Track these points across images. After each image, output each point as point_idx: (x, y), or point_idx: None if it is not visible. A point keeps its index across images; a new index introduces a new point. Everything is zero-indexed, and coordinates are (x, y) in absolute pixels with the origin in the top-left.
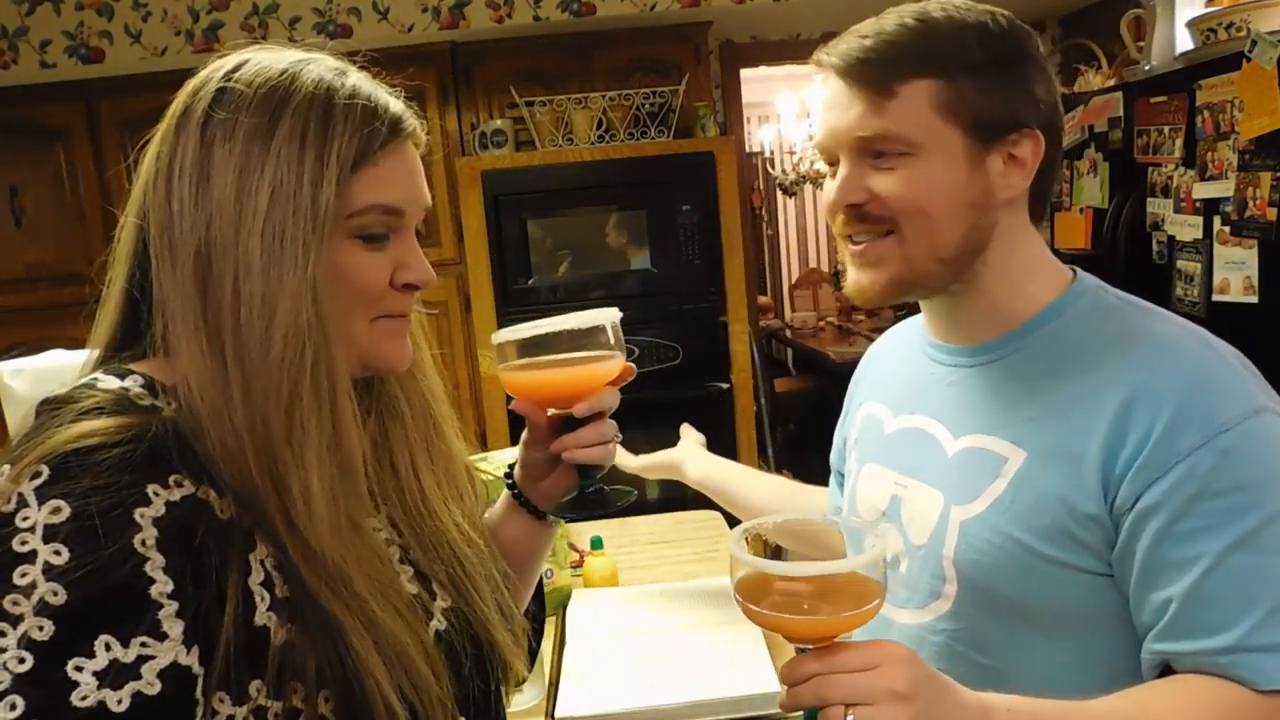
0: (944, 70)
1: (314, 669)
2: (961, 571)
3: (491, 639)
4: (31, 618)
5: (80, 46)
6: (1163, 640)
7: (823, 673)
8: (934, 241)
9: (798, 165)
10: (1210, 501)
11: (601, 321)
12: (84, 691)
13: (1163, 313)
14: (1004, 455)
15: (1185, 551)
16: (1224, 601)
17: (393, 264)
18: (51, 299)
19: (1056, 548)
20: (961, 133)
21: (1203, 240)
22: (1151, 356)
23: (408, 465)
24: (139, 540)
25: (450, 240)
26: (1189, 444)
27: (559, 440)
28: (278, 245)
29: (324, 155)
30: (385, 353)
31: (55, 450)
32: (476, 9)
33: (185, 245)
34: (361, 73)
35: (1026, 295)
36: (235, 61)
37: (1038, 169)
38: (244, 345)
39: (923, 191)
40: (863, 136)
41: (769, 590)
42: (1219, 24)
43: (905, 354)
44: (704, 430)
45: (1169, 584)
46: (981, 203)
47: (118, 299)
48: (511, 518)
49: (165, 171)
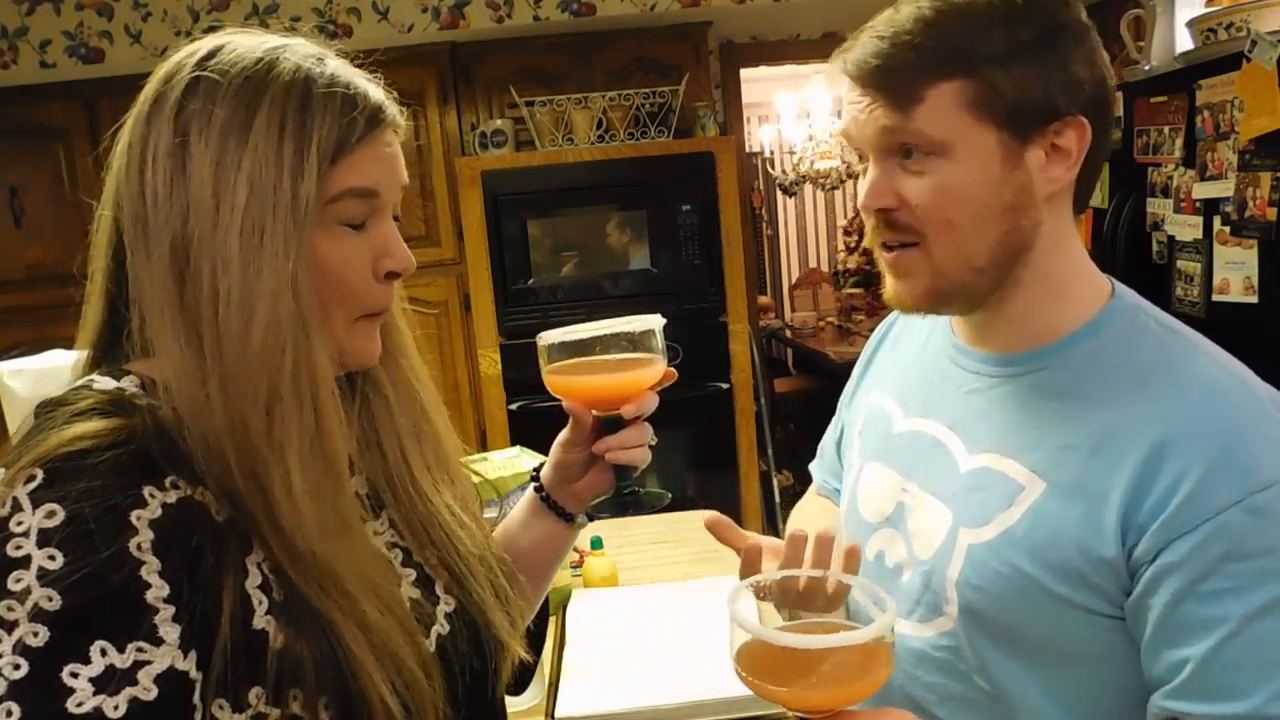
0: (970, 67)
1: (313, 674)
2: (964, 596)
3: (488, 620)
4: (26, 623)
5: (80, 46)
6: (1175, 699)
7: None
8: (963, 252)
9: (798, 165)
10: (1238, 564)
11: (652, 326)
12: (80, 698)
13: (1203, 345)
14: (1021, 483)
15: (1208, 612)
16: (1245, 668)
17: (372, 251)
18: (51, 299)
19: (1067, 586)
20: (996, 129)
21: (1203, 240)
22: (1189, 399)
23: (395, 450)
24: (134, 544)
25: (450, 240)
26: (1221, 501)
27: (602, 441)
28: (257, 240)
29: (303, 148)
30: (358, 349)
31: (49, 454)
32: (476, 9)
33: (160, 239)
34: (340, 59)
35: (1065, 306)
36: (209, 48)
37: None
38: (223, 341)
39: (952, 199)
40: (888, 128)
41: (770, 657)
42: (1219, 24)
43: (925, 346)
44: (704, 430)
45: (1187, 644)
46: (1019, 204)
47: (99, 295)
48: (536, 521)
49: (138, 162)
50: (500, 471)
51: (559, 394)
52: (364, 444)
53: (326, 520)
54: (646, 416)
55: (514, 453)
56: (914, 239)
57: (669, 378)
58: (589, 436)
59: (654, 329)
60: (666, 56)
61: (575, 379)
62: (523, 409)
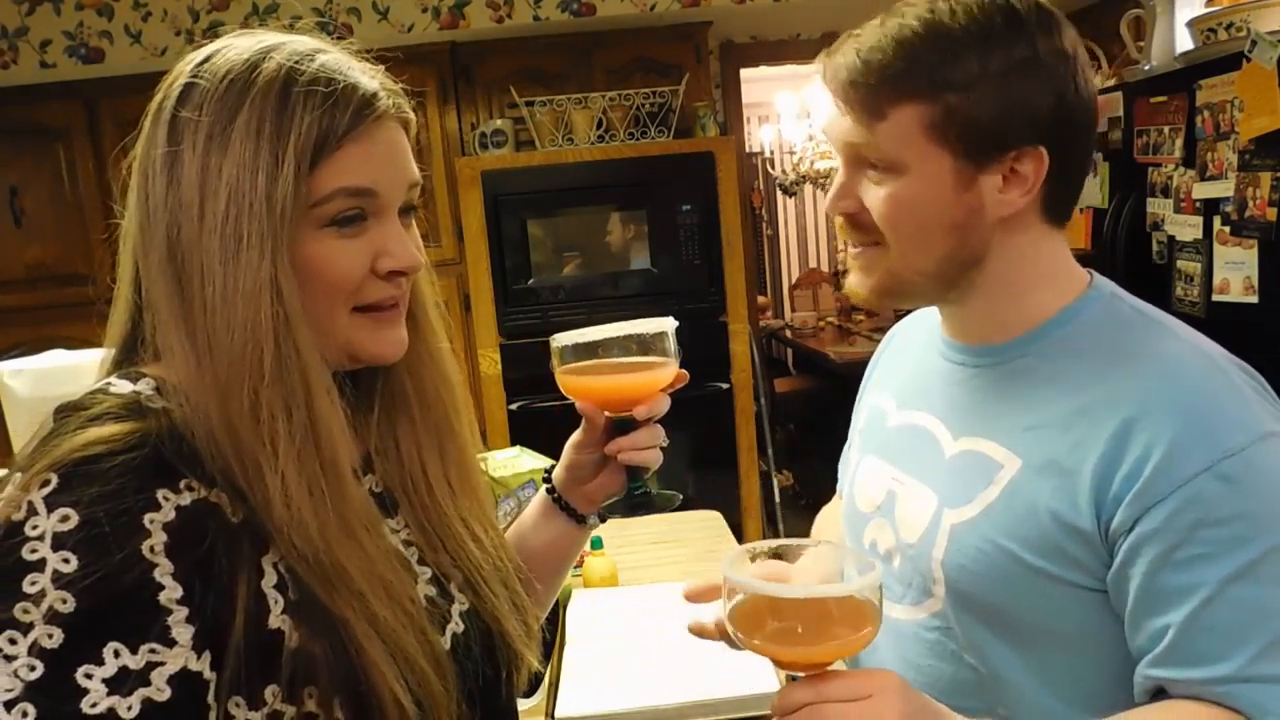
0: (934, 92)
1: (326, 673)
2: (949, 575)
3: (502, 629)
4: (41, 625)
5: (80, 46)
6: (1158, 667)
7: (813, 702)
8: (912, 260)
9: (798, 165)
10: (1211, 529)
11: (666, 329)
12: (94, 699)
13: (1177, 327)
14: (999, 462)
15: (1184, 579)
16: (1222, 632)
17: (372, 251)
18: (51, 299)
19: (1045, 560)
20: (951, 155)
21: (1203, 240)
22: (1156, 375)
23: (415, 461)
24: (147, 547)
25: (450, 240)
26: (1191, 469)
27: (615, 442)
28: (235, 243)
29: (278, 149)
30: (367, 344)
31: (64, 458)
32: (476, 9)
33: (158, 244)
34: (340, 52)
35: (1034, 302)
36: (206, 53)
37: (1053, 176)
38: (212, 344)
39: (904, 211)
40: (853, 144)
41: (761, 615)
42: (1219, 24)
43: (920, 346)
44: (704, 430)
45: (1167, 611)
46: (968, 223)
47: (127, 296)
48: (548, 521)
49: (140, 172)
50: (500, 471)
51: (572, 395)
52: (382, 451)
53: (327, 522)
54: (658, 418)
55: (514, 453)
56: (877, 239)
57: (681, 380)
58: (601, 438)
59: (667, 331)
60: (666, 56)
61: (589, 380)
62: (523, 409)
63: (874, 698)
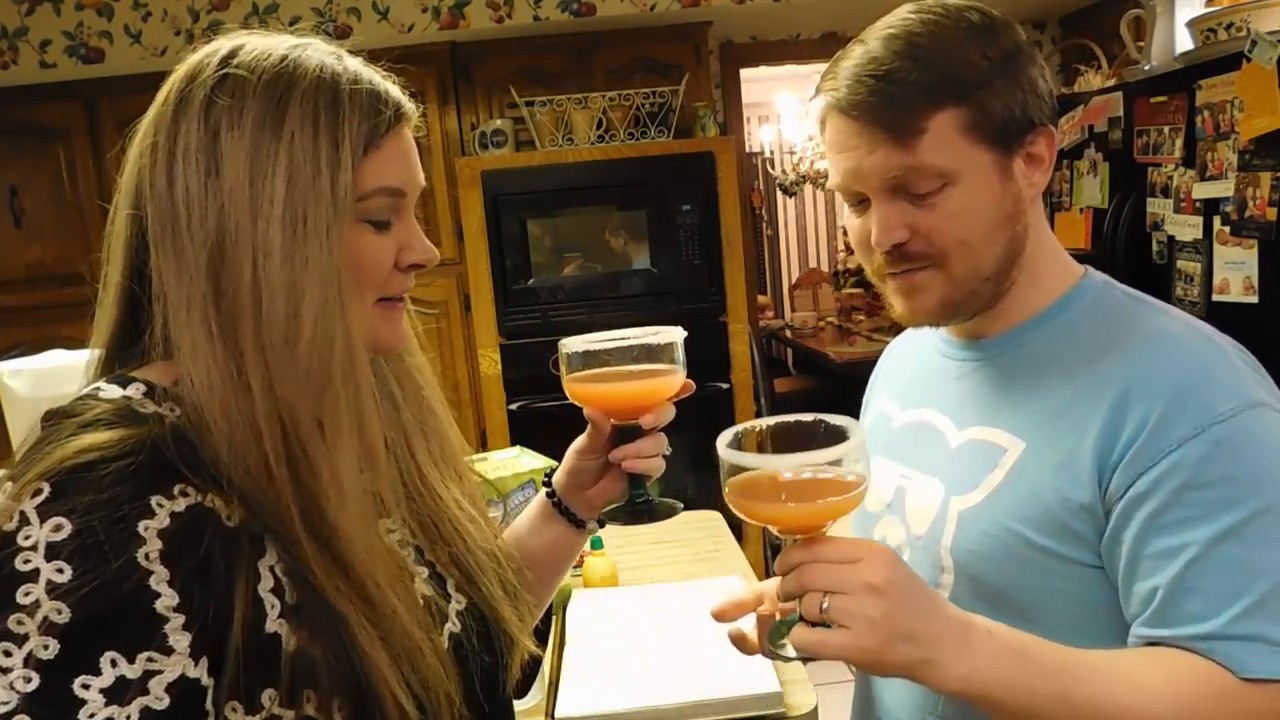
0: (963, 93)
1: (326, 675)
2: (958, 562)
3: (497, 615)
4: (36, 636)
5: (80, 46)
6: (1147, 626)
7: (806, 561)
8: (978, 265)
9: (798, 165)
10: (1199, 491)
11: (674, 339)
12: (91, 709)
13: (1168, 309)
14: (1004, 446)
15: (1172, 540)
16: (1208, 592)
17: (396, 245)
18: (51, 299)
19: (1050, 538)
20: (989, 150)
21: (1203, 240)
22: (1150, 350)
23: (403, 446)
24: (142, 554)
25: (450, 240)
26: (1181, 434)
27: (619, 450)
28: (300, 230)
29: (338, 140)
30: (384, 334)
31: (55, 467)
32: (476, 9)
33: (195, 235)
34: (355, 58)
35: (1041, 288)
36: (230, 47)
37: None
38: (266, 333)
39: (969, 219)
40: (894, 174)
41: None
42: (1219, 24)
43: (921, 351)
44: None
45: (1155, 573)
46: (1016, 212)
47: (116, 294)
48: (547, 525)
49: (166, 160)
50: (500, 471)
51: (579, 401)
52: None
53: (367, 508)
54: (662, 427)
55: (514, 453)
56: (930, 261)
57: (687, 389)
58: (605, 444)
59: (675, 341)
60: (666, 56)
61: (597, 387)
62: (523, 409)
63: (861, 562)
